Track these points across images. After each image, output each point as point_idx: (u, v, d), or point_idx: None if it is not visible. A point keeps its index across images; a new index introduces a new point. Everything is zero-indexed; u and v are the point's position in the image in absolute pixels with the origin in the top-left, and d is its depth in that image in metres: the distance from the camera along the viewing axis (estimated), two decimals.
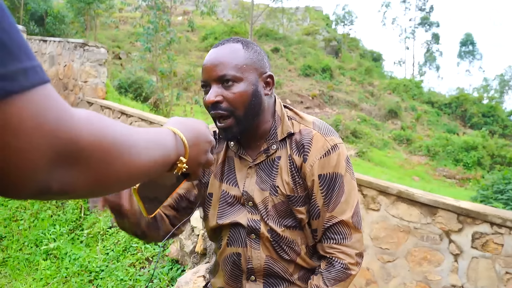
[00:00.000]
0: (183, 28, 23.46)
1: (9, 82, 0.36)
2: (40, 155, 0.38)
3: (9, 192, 0.39)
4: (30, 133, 0.37)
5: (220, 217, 1.27)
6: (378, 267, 3.75)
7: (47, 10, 19.67)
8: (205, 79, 1.18)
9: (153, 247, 3.57)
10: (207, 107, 1.18)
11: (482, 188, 8.18)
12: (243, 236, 1.24)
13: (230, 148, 1.28)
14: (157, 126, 7.37)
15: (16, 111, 0.36)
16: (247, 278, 1.24)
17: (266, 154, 1.23)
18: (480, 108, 26.99)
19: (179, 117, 0.72)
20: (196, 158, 0.69)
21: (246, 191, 1.23)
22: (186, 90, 17.55)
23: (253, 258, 1.22)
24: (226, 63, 1.14)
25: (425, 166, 18.19)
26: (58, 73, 10.25)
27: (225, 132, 1.17)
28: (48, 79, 0.39)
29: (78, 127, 0.41)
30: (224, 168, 1.29)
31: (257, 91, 1.17)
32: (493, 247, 3.28)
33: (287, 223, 1.21)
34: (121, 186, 0.52)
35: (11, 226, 4.43)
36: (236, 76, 1.13)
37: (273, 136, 1.23)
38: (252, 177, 1.24)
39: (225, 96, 1.13)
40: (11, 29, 0.37)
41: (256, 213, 1.22)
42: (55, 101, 0.40)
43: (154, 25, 11.80)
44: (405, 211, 3.66)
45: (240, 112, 1.14)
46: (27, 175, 0.38)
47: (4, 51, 0.36)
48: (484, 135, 20.28)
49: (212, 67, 1.15)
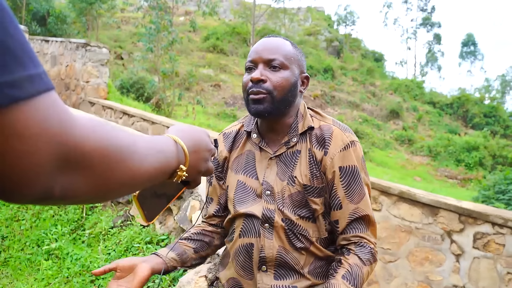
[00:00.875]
0: (185, 29, 23.48)
1: (16, 89, 0.36)
2: (44, 160, 0.39)
3: (12, 196, 0.40)
4: (35, 139, 0.37)
5: (238, 205, 1.32)
6: (379, 267, 3.74)
7: (49, 10, 19.70)
8: (253, 59, 1.26)
9: (154, 247, 3.57)
10: (245, 85, 1.27)
11: (483, 188, 8.17)
12: (257, 226, 1.27)
13: (252, 139, 1.35)
14: (159, 126, 7.37)
15: (22, 118, 0.37)
16: (258, 268, 1.26)
17: (287, 146, 1.29)
18: (481, 109, 26.94)
19: (180, 124, 0.72)
20: (196, 166, 0.69)
21: (266, 181, 1.28)
22: (188, 90, 17.56)
23: (266, 247, 1.25)
24: (277, 49, 1.26)
25: (426, 166, 18.18)
26: (60, 73, 10.26)
27: (258, 104, 1.23)
28: (53, 86, 0.40)
29: (81, 133, 0.42)
30: (241, 161, 1.35)
31: (296, 84, 1.27)
32: (494, 247, 3.27)
33: (301, 213, 1.25)
34: (122, 192, 0.53)
35: (12, 226, 4.43)
36: (283, 63, 1.24)
37: (294, 129, 1.30)
38: (273, 168, 1.30)
39: (270, 78, 1.23)
40: (18, 35, 0.37)
41: (272, 202, 1.27)
42: (59, 108, 0.40)
43: (156, 26, 11.81)
44: (406, 211, 3.66)
45: (278, 95, 1.23)
46: (31, 180, 0.38)
47: (11, 58, 0.36)
48: (486, 136, 20.26)
49: (263, 49, 1.26)
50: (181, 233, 3.52)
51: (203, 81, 21.49)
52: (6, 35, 0.36)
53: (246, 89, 1.26)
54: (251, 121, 1.39)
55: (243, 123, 1.42)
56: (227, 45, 27.04)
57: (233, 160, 1.37)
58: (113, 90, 10.70)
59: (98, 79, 9.48)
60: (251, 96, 1.24)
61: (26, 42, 0.38)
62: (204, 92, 20.37)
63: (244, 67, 1.31)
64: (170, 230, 3.68)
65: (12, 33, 0.37)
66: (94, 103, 9.22)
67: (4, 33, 0.36)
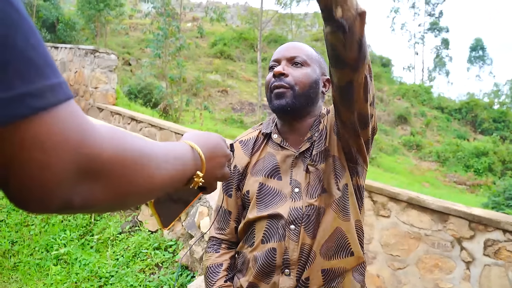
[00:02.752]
0: (192, 35, 23.64)
1: (37, 99, 0.36)
2: (65, 170, 0.39)
3: (33, 207, 0.40)
4: (56, 149, 0.38)
5: (260, 209, 1.28)
6: (388, 274, 3.72)
7: (58, 17, 19.92)
8: (277, 57, 1.31)
9: (162, 253, 3.57)
10: (268, 81, 1.30)
11: (493, 194, 8.09)
12: (282, 228, 1.23)
13: (273, 140, 1.34)
14: (166, 131, 7.40)
15: (44, 128, 0.37)
16: (282, 271, 1.22)
17: (310, 142, 1.29)
18: (490, 114, 26.73)
19: (195, 130, 0.72)
20: (212, 172, 0.69)
21: (295, 179, 1.26)
22: (195, 96, 17.63)
23: (290, 249, 1.21)
24: (300, 49, 1.31)
25: (435, 172, 18.06)
26: (69, 79, 10.35)
27: (280, 98, 1.25)
28: (72, 95, 0.41)
29: (100, 143, 0.42)
30: (261, 164, 1.33)
31: (317, 82, 1.30)
32: (506, 254, 3.23)
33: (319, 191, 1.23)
34: (140, 200, 0.53)
35: (22, 231, 4.46)
36: (305, 61, 1.28)
37: (316, 126, 1.31)
38: (300, 166, 1.28)
39: (291, 73, 1.26)
40: (39, 46, 0.38)
41: (299, 199, 1.24)
42: (79, 117, 0.41)
43: (164, 32, 11.89)
44: (415, 217, 3.63)
45: (299, 89, 1.25)
46: (52, 190, 0.38)
47: (33, 68, 0.36)
48: (495, 141, 20.08)
49: (287, 48, 1.31)
50: (189, 239, 3.51)
51: (211, 86, 21.57)
52: (27, 45, 0.36)
53: (269, 85, 1.28)
54: (270, 123, 1.39)
55: (259, 129, 1.41)
56: (234, 51, 27.14)
57: (253, 165, 1.34)
58: (121, 96, 10.76)
59: (107, 85, 9.55)
60: (275, 91, 1.26)
61: (47, 52, 0.38)
62: (211, 98, 20.44)
63: (268, 69, 1.35)
64: (178, 236, 3.68)
65: (34, 45, 0.37)
66: (103, 109, 9.27)
67: (26, 43, 0.36)
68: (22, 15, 0.37)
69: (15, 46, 0.35)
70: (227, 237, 1.39)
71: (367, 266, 1.40)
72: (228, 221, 1.39)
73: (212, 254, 1.38)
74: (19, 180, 0.37)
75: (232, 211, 1.38)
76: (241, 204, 1.37)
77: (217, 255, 1.37)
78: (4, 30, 0.35)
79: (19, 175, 0.37)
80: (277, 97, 1.25)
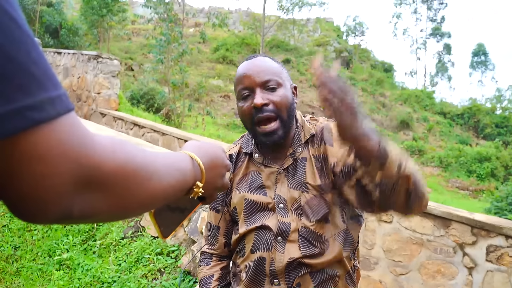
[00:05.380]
0: (195, 40, 23.70)
1: (37, 112, 0.37)
2: (65, 182, 0.39)
3: (33, 217, 0.40)
4: (56, 161, 0.38)
5: (248, 223, 1.29)
6: (391, 280, 3.71)
7: (61, 23, 20.05)
8: (248, 85, 1.23)
9: (165, 258, 3.58)
10: (248, 113, 1.23)
11: (496, 199, 8.05)
12: (269, 239, 1.24)
13: (255, 160, 1.33)
14: (169, 137, 7.41)
15: (43, 140, 0.37)
16: (270, 282, 1.24)
17: (293, 157, 1.28)
18: (493, 119, 26.70)
19: (195, 141, 0.73)
20: (212, 183, 0.70)
21: (279, 195, 1.26)
22: (197, 101, 17.65)
23: (276, 260, 1.22)
24: (267, 70, 1.24)
25: (437, 177, 18.00)
26: (72, 84, 10.39)
27: (270, 136, 1.22)
28: (73, 107, 0.41)
29: (101, 154, 0.43)
30: (246, 181, 1.32)
31: (292, 97, 1.27)
32: (508, 260, 3.23)
33: (319, 217, 1.22)
34: (141, 211, 0.53)
35: (25, 236, 4.47)
36: (278, 82, 1.23)
37: (297, 140, 1.29)
38: (283, 181, 1.27)
39: (271, 99, 1.21)
40: (40, 59, 0.38)
41: (286, 215, 1.24)
42: (79, 129, 0.41)
43: (167, 37, 11.94)
44: (418, 223, 3.63)
45: (284, 114, 1.22)
46: (52, 201, 0.39)
47: (33, 81, 0.37)
48: (498, 146, 20.02)
49: (254, 73, 1.22)
50: (191, 244, 3.52)
51: (213, 92, 21.62)
52: (28, 59, 0.37)
53: (251, 117, 1.22)
54: (249, 142, 1.37)
55: (240, 144, 1.40)
56: (236, 56, 27.20)
57: (237, 182, 1.34)
58: (124, 101, 10.80)
59: (109, 90, 9.59)
60: (263, 128, 1.21)
61: (48, 65, 0.39)
62: (213, 103, 20.47)
63: (237, 95, 1.27)
64: (181, 242, 3.69)
65: (35, 58, 0.38)
66: (105, 114, 9.31)
67: (26, 57, 0.37)
68: (23, 28, 0.37)
69: (16, 59, 0.36)
70: (217, 252, 1.42)
71: (369, 272, 1.40)
72: (217, 236, 1.41)
73: (204, 267, 1.41)
74: (19, 191, 0.38)
75: (220, 226, 1.40)
76: (230, 219, 1.39)
77: (208, 267, 1.41)
78: (5, 44, 0.35)
79: (19, 186, 0.37)
80: (267, 135, 1.21)
